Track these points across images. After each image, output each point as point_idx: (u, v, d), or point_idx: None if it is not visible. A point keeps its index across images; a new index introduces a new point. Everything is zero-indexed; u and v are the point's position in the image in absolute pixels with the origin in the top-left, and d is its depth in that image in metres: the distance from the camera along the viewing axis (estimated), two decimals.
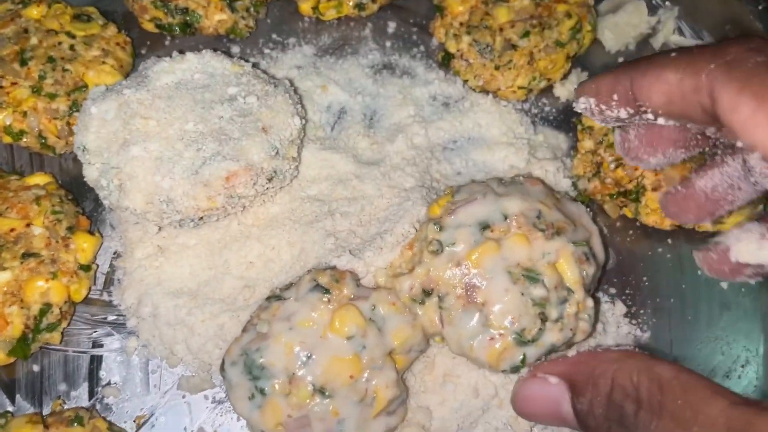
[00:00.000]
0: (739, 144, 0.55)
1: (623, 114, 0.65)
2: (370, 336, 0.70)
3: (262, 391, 0.69)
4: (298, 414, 0.69)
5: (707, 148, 0.67)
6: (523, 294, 0.69)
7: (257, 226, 0.83)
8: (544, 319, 0.68)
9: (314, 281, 0.72)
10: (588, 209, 0.80)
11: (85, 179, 0.77)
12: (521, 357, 0.68)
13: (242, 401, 0.70)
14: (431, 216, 0.74)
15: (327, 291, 0.71)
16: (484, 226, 0.71)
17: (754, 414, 0.47)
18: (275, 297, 0.74)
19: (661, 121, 0.62)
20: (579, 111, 0.69)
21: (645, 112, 0.62)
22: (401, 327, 0.72)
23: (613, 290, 0.86)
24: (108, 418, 0.77)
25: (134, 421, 0.78)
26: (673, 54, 0.59)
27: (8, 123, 0.83)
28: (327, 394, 0.69)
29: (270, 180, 0.78)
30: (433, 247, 0.71)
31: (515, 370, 0.69)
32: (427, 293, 0.71)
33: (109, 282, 0.84)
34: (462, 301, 0.70)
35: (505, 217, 0.71)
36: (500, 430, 0.79)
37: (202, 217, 0.77)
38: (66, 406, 0.78)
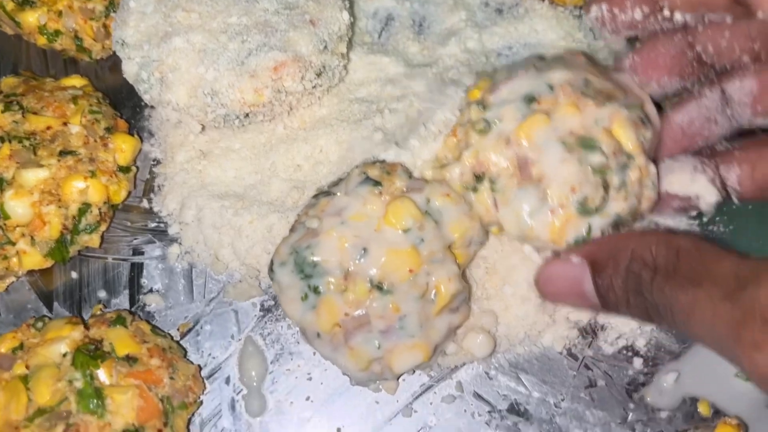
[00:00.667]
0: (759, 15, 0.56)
1: (638, 15, 0.66)
2: (428, 228, 0.65)
3: (315, 290, 0.64)
4: (357, 312, 0.64)
5: (702, 77, 0.67)
6: (580, 162, 0.63)
7: (303, 128, 0.79)
8: (606, 186, 0.63)
9: (364, 174, 0.68)
10: None
11: (124, 76, 0.73)
12: (586, 228, 0.63)
13: (294, 303, 0.65)
14: (471, 99, 0.69)
15: (378, 183, 0.66)
16: (530, 99, 0.65)
17: (761, 265, 0.49)
18: (323, 193, 0.69)
19: (678, 17, 0.63)
20: (590, 22, 0.70)
21: (662, 8, 0.63)
22: (459, 218, 0.67)
23: None
24: None
25: (178, 329, 0.74)
26: None
27: (43, 22, 0.79)
28: (386, 289, 0.64)
29: (318, 75, 0.73)
30: (480, 126, 0.65)
31: (582, 244, 0.63)
32: (478, 178, 0.65)
33: (148, 189, 0.79)
34: (516, 179, 0.64)
35: (551, 88, 0.65)
36: (570, 339, 0.74)
37: (247, 114, 0.72)
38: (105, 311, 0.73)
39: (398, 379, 0.70)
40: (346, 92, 0.81)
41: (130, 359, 0.66)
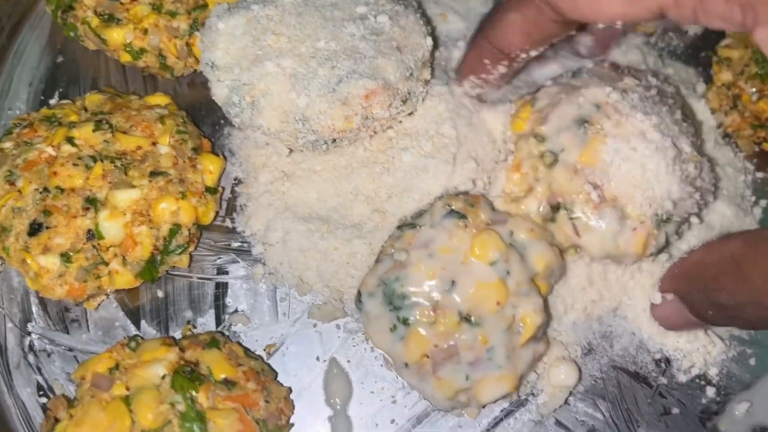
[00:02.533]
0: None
1: (502, 69, 0.71)
2: (513, 261, 0.67)
3: (405, 321, 0.65)
4: (446, 343, 0.66)
5: None
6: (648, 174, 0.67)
7: (383, 151, 0.79)
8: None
9: (448, 206, 0.69)
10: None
11: (213, 98, 0.73)
12: (664, 237, 0.67)
13: (382, 334, 0.67)
14: (519, 132, 0.71)
15: (463, 216, 0.68)
16: (582, 122, 0.68)
17: None
18: (408, 225, 0.70)
19: (534, 53, 0.68)
20: (472, 95, 0.76)
21: (516, 56, 0.68)
22: (543, 252, 0.69)
23: None
24: None
25: (264, 350, 0.75)
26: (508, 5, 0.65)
27: (129, 40, 0.79)
28: (474, 321, 0.65)
29: (404, 102, 0.74)
30: (548, 160, 0.67)
31: (661, 251, 0.68)
32: (554, 208, 0.68)
33: (231, 208, 0.80)
34: (591, 204, 0.67)
35: (597, 107, 0.68)
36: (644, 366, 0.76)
37: (335, 140, 0.73)
38: (195, 332, 0.74)
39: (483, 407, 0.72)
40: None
41: (227, 383, 0.67)
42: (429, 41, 0.76)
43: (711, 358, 0.76)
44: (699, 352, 0.76)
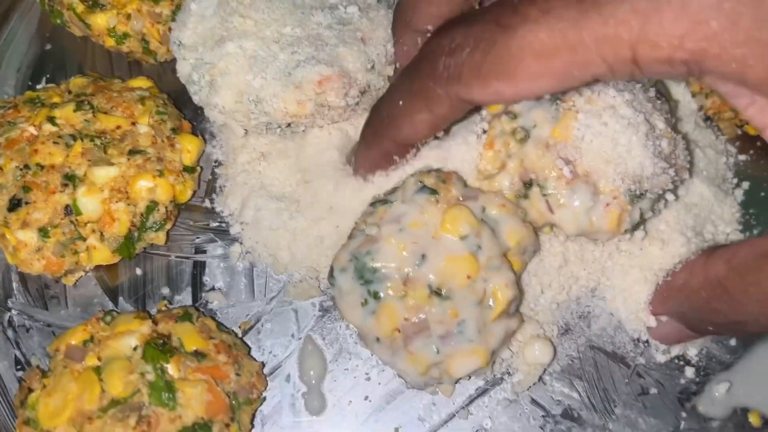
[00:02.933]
0: None
1: (410, 154, 0.70)
2: (485, 236, 0.67)
3: (375, 295, 0.66)
4: (416, 317, 0.66)
5: None
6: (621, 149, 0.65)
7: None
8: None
9: (420, 183, 0.69)
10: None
11: (177, 75, 0.75)
12: (638, 213, 0.66)
13: (354, 308, 0.67)
14: (493, 111, 0.71)
15: (434, 192, 0.68)
16: (555, 99, 0.67)
17: None
18: (380, 201, 0.70)
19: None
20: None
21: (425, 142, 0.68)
22: (515, 227, 0.68)
23: None
24: None
25: (239, 326, 0.75)
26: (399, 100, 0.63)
27: (112, 25, 0.81)
28: (444, 295, 0.65)
29: (362, 93, 0.74)
30: (519, 135, 0.67)
31: (636, 227, 0.67)
32: (527, 185, 0.67)
33: (210, 189, 0.81)
34: (564, 180, 0.66)
35: None
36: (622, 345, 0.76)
37: (289, 124, 0.74)
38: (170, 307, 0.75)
39: (455, 383, 0.71)
40: None
41: (198, 354, 0.67)
42: (390, 45, 0.76)
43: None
44: None
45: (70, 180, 0.72)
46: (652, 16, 0.45)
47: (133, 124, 0.77)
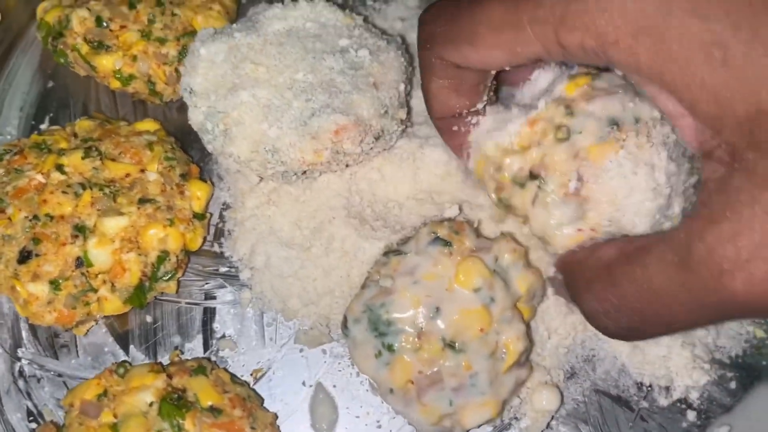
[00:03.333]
0: None
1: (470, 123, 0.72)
2: (497, 288, 0.68)
3: (390, 348, 0.66)
4: (430, 370, 0.67)
5: None
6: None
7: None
8: None
9: (433, 234, 0.70)
10: None
11: (189, 122, 0.75)
12: None
13: (368, 360, 0.68)
14: (567, 94, 0.68)
15: (448, 243, 0.69)
16: (614, 123, 0.65)
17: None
18: (393, 252, 0.71)
19: (481, 104, 0.71)
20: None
21: (467, 112, 0.70)
22: (525, 275, 0.70)
23: None
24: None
25: (251, 374, 0.76)
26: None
27: (118, 67, 0.80)
28: (458, 348, 0.66)
29: (377, 139, 0.74)
30: (561, 134, 0.65)
31: None
32: (533, 177, 0.66)
33: (219, 233, 0.81)
34: (564, 189, 0.65)
35: (637, 121, 0.65)
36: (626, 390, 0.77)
37: (305, 172, 0.74)
38: (182, 357, 0.75)
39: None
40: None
41: (213, 410, 0.68)
42: (402, 87, 0.77)
43: (692, 382, 0.77)
44: (680, 375, 0.77)
45: (81, 231, 0.72)
46: (572, 3, 0.52)
47: (142, 171, 0.76)
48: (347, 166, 0.77)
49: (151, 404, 0.67)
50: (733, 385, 0.78)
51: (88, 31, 0.81)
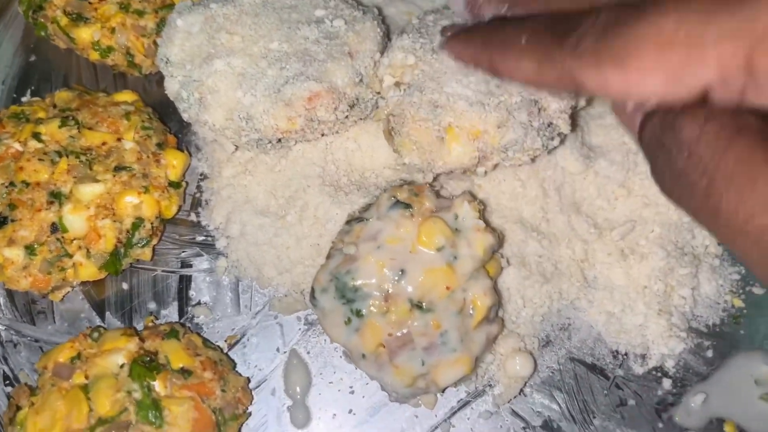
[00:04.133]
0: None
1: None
2: (460, 245, 0.68)
3: (358, 313, 0.67)
4: (399, 331, 0.67)
5: None
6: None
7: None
8: None
9: (393, 198, 0.70)
10: None
11: (166, 92, 0.75)
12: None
13: (338, 327, 0.68)
14: None
15: (408, 206, 0.69)
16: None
17: None
18: (356, 219, 0.71)
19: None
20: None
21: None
22: (480, 234, 0.69)
23: None
24: None
25: (225, 341, 0.77)
26: (525, 37, 0.53)
27: (96, 38, 0.81)
28: (426, 307, 0.66)
29: (351, 107, 0.74)
30: None
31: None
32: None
33: (196, 203, 0.82)
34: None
35: None
36: (600, 358, 0.77)
37: (280, 140, 0.74)
38: (157, 323, 0.76)
39: (441, 392, 0.73)
40: None
41: (184, 372, 0.69)
42: (378, 56, 0.76)
43: (668, 350, 0.77)
44: (656, 344, 0.77)
45: (56, 197, 0.73)
46: None
47: (119, 139, 0.77)
48: (323, 135, 0.77)
49: (122, 366, 0.68)
50: (709, 353, 0.78)
51: (67, 4, 0.81)
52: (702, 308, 0.79)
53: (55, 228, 0.72)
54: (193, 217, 0.81)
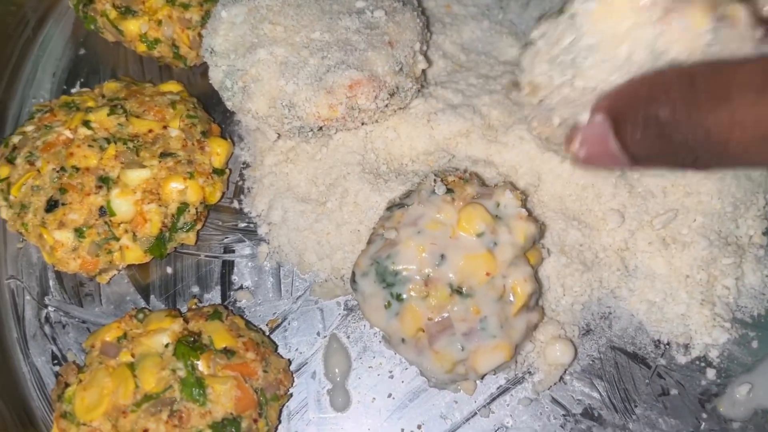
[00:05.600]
0: None
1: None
2: (500, 232, 0.68)
3: (398, 297, 0.67)
4: (439, 316, 0.67)
5: None
6: None
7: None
8: None
9: (435, 182, 0.70)
10: None
11: (210, 81, 0.77)
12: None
13: (377, 311, 0.69)
14: None
15: (450, 191, 0.69)
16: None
17: None
18: (396, 205, 0.72)
19: None
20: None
21: None
22: (522, 222, 0.69)
23: None
24: None
25: (266, 324, 0.78)
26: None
27: (144, 31, 0.84)
28: (466, 292, 0.66)
29: (391, 96, 0.75)
30: None
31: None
32: None
33: (239, 191, 0.83)
34: None
35: None
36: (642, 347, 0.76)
37: (321, 128, 0.75)
38: (200, 305, 0.77)
39: (481, 379, 0.73)
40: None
41: (227, 352, 0.70)
42: (417, 46, 0.78)
43: (711, 340, 0.76)
44: (699, 334, 0.76)
45: (104, 182, 0.75)
46: None
47: (165, 127, 0.79)
48: (363, 124, 0.78)
49: (167, 345, 0.69)
50: (755, 344, 0.77)
51: None
52: (746, 299, 0.78)
53: (103, 212, 0.74)
54: (235, 204, 0.83)
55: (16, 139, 0.79)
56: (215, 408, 0.66)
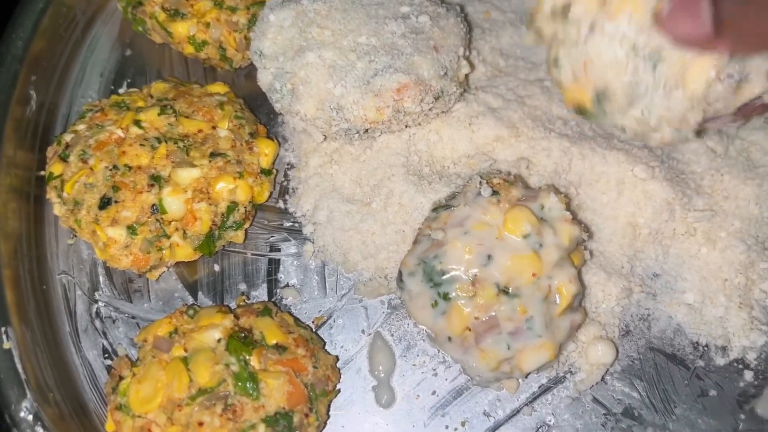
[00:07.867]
0: None
1: None
2: (545, 234, 0.69)
3: (445, 297, 0.69)
4: (486, 315, 0.69)
5: None
6: None
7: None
8: None
9: (481, 184, 0.72)
10: None
11: (258, 84, 0.79)
12: None
13: (424, 310, 0.70)
14: None
15: (496, 193, 0.71)
16: None
17: None
18: (442, 207, 0.73)
19: None
20: None
21: None
22: (567, 224, 0.71)
23: None
24: None
25: (312, 321, 0.79)
26: None
27: (192, 33, 0.85)
28: (512, 293, 0.68)
29: (436, 99, 0.77)
30: None
31: None
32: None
33: (284, 191, 0.85)
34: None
35: None
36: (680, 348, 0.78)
37: (367, 130, 0.77)
38: (249, 302, 0.79)
39: (524, 378, 0.74)
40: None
41: (278, 348, 0.71)
42: (461, 51, 0.79)
43: (749, 343, 0.77)
44: (737, 336, 0.77)
45: (156, 180, 0.77)
46: None
47: (214, 128, 0.81)
48: (407, 126, 0.80)
49: (219, 341, 0.71)
50: None
51: (165, 0, 0.86)
52: None
53: (155, 209, 0.76)
54: (280, 204, 0.85)
55: (68, 138, 0.80)
56: (268, 402, 0.68)
